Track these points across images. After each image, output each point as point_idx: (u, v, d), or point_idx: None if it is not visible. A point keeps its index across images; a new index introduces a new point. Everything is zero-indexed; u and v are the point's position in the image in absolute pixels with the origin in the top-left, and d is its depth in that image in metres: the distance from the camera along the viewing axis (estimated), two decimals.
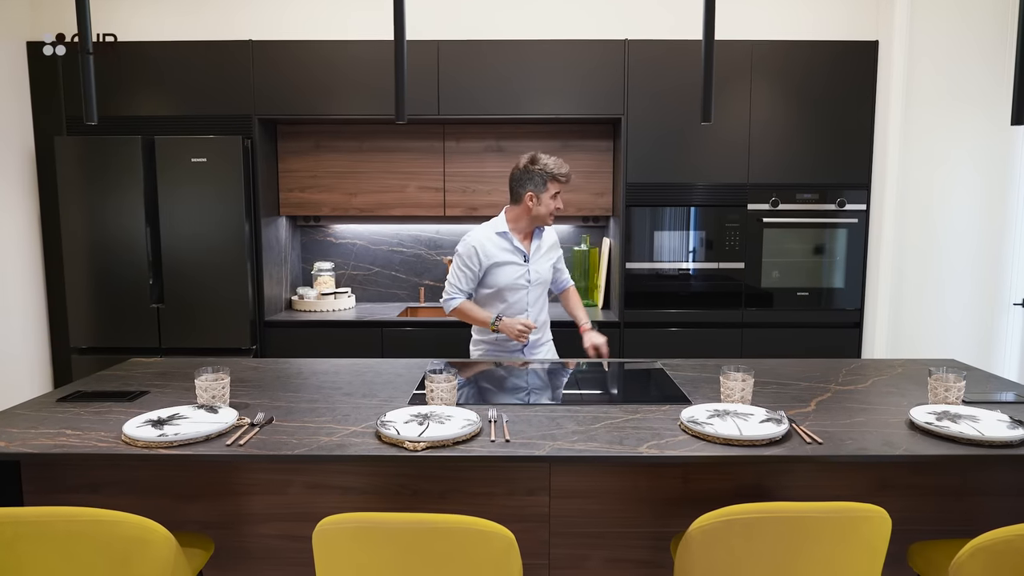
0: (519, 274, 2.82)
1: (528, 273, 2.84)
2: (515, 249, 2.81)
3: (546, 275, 2.91)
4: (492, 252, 2.80)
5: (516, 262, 2.82)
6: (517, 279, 2.81)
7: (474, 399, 2.21)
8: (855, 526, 1.48)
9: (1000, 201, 3.66)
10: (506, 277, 2.81)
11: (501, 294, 2.83)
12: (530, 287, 2.85)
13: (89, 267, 3.67)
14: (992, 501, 2.00)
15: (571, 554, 2.01)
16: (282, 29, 3.97)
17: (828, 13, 3.93)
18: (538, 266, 2.87)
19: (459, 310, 2.83)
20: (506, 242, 2.82)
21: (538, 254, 2.88)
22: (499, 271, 2.81)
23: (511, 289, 2.82)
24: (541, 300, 2.92)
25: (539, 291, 2.89)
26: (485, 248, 2.80)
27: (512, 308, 2.85)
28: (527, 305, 2.87)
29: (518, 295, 2.83)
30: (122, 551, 1.48)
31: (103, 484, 2.00)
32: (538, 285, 2.88)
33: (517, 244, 2.82)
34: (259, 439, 1.79)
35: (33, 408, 2.06)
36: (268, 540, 2.01)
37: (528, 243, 2.86)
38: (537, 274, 2.86)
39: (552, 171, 2.75)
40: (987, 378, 2.45)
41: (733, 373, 2.05)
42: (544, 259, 2.91)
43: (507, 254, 2.81)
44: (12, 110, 3.75)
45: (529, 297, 2.85)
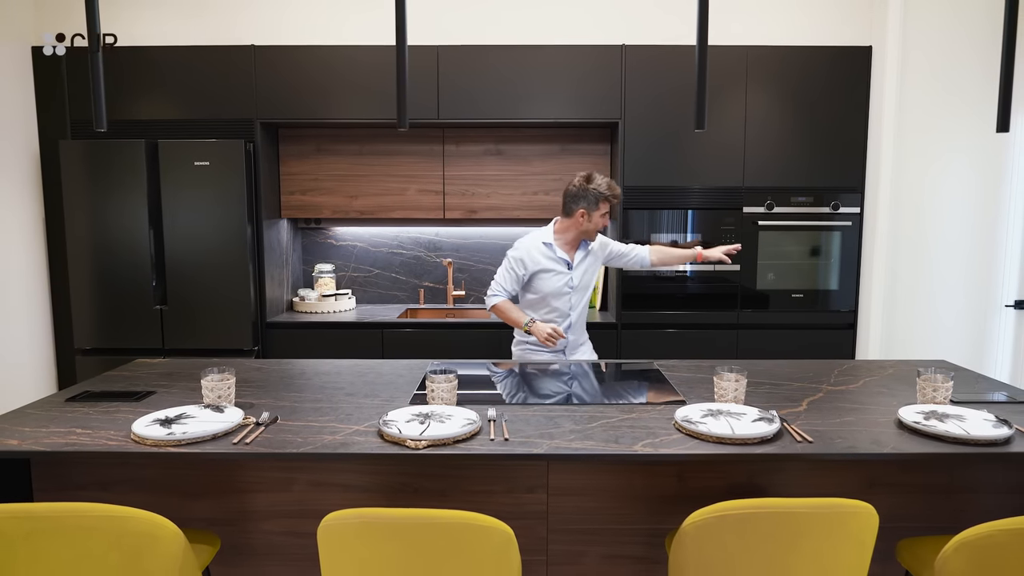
0: (563, 281, 2.97)
1: (571, 280, 2.98)
2: (559, 258, 2.96)
3: (589, 281, 3.05)
4: (538, 260, 2.96)
5: (559, 270, 2.96)
6: (560, 286, 2.96)
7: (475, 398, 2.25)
8: (844, 521, 1.52)
9: (993, 204, 3.72)
10: (550, 284, 2.96)
11: (546, 299, 2.98)
12: (572, 293, 2.98)
13: (93, 269, 3.71)
14: (978, 498, 2.05)
15: (568, 550, 2.06)
16: (283, 34, 4.02)
17: (822, 19, 3.99)
18: (580, 273, 3.01)
19: (498, 307, 2.99)
20: (551, 251, 2.97)
21: (582, 263, 3.02)
22: (543, 278, 2.96)
23: (555, 295, 2.97)
24: (582, 304, 3.06)
25: (580, 296, 3.03)
26: (532, 256, 2.96)
27: (555, 312, 2.99)
28: (569, 309, 3.00)
29: (561, 300, 2.98)
30: (133, 546, 1.52)
31: (111, 482, 2.04)
32: (580, 291, 3.02)
33: (561, 254, 2.97)
34: (264, 438, 1.84)
35: (42, 408, 2.10)
36: (273, 537, 2.06)
37: (572, 252, 3.00)
38: (579, 281, 3.01)
39: (604, 192, 2.90)
40: (976, 379, 2.50)
41: (727, 374, 2.10)
42: (588, 267, 3.04)
43: (551, 262, 2.96)
44: (17, 114, 3.79)
45: (571, 302, 2.99)
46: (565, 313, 2.99)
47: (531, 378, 2.57)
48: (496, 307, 2.98)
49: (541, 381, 2.53)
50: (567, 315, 2.99)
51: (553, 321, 2.97)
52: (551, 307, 2.98)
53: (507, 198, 4.10)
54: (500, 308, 2.98)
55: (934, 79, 3.72)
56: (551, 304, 2.97)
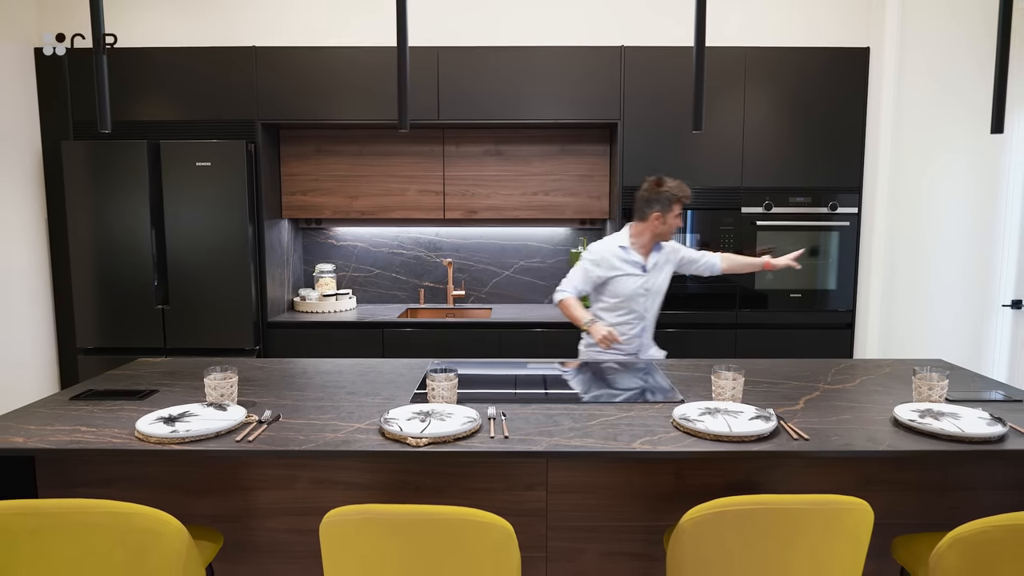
0: (638, 284, 3.01)
1: (646, 283, 3.02)
2: (633, 261, 3.01)
3: (662, 285, 3.08)
4: (613, 263, 3.01)
5: (635, 273, 3.01)
6: (636, 288, 3.00)
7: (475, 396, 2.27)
8: (839, 518, 1.54)
9: (990, 204, 3.74)
10: (626, 287, 3.00)
11: (623, 302, 3.02)
12: (647, 295, 3.03)
13: (95, 269, 3.73)
14: (973, 495, 2.07)
15: (568, 547, 2.08)
16: (284, 35, 4.04)
17: (820, 20, 4.01)
18: (656, 277, 3.05)
19: (564, 303, 3.04)
20: (626, 254, 3.01)
21: (657, 266, 3.05)
22: (619, 281, 3.00)
23: (631, 298, 3.01)
24: (656, 307, 3.10)
25: (656, 299, 3.07)
26: (607, 259, 3.01)
27: (632, 314, 3.03)
28: (644, 311, 3.04)
29: (637, 303, 3.02)
30: (137, 542, 1.54)
31: (115, 480, 2.06)
32: (655, 294, 3.06)
33: (636, 257, 3.01)
34: (267, 435, 1.86)
35: (47, 406, 2.13)
36: (275, 534, 2.08)
37: (647, 256, 3.04)
38: (655, 284, 3.05)
39: (677, 194, 2.95)
40: (972, 378, 2.52)
41: (724, 372, 2.12)
42: (663, 271, 3.08)
43: (627, 265, 3.01)
44: (20, 115, 3.82)
45: (646, 304, 3.04)
46: (641, 315, 3.03)
47: (530, 377, 2.59)
48: (562, 302, 3.04)
49: (539, 380, 2.55)
50: (643, 317, 3.04)
51: (628, 323, 3.02)
52: (627, 309, 3.02)
53: (507, 198, 4.12)
54: (565, 303, 3.03)
55: (931, 80, 3.74)
56: (627, 307, 3.02)
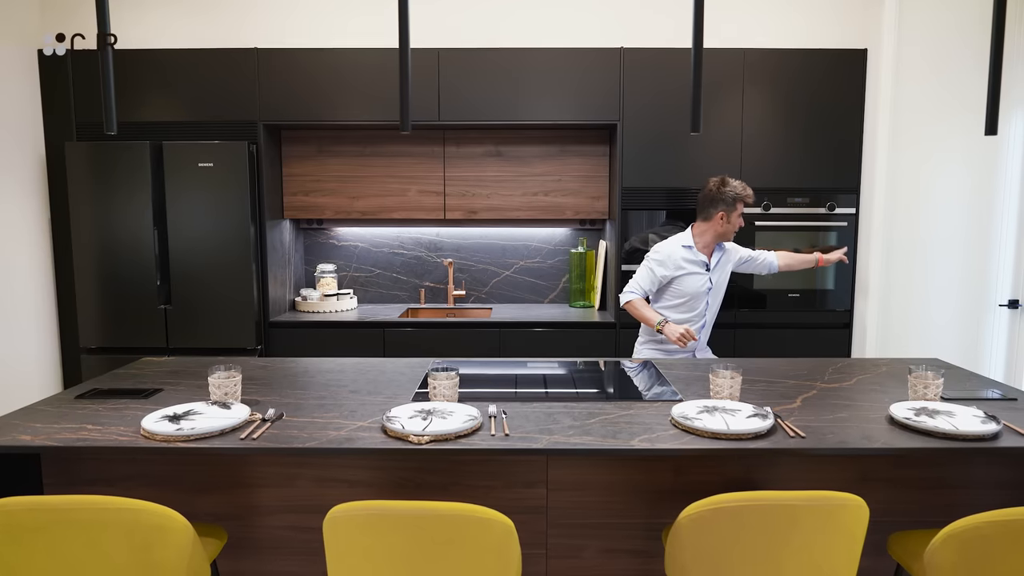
0: (702, 282, 3.08)
1: (709, 281, 3.09)
2: (698, 260, 3.08)
3: (723, 283, 3.16)
4: (679, 262, 3.08)
5: (699, 271, 3.08)
6: (700, 287, 3.08)
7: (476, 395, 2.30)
8: (835, 514, 1.56)
9: (987, 205, 3.76)
10: (691, 285, 3.08)
11: (687, 301, 3.09)
12: (710, 294, 3.09)
13: (98, 269, 3.76)
14: (968, 492, 2.09)
15: (568, 544, 2.10)
16: (286, 37, 4.07)
17: (818, 22, 4.04)
18: (718, 275, 3.12)
19: (633, 304, 3.11)
20: (691, 253, 3.08)
21: (719, 265, 3.12)
22: (685, 280, 3.08)
23: (696, 296, 3.08)
24: (717, 305, 3.16)
25: (718, 297, 3.14)
26: (673, 259, 3.09)
27: (694, 312, 3.10)
28: (706, 310, 3.11)
29: (700, 301, 3.09)
30: (143, 538, 1.57)
31: (120, 477, 2.09)
32: (716, 292, 3.13)
33: (700, 256, 3.09)
34: (271, 433, 1.89)
35: (53, 404, 2.15)
36: (278, 531, 2.10)
37: (710, 255, 3.11)
38: (718, 282, 3.12)
39: (740, 194, 3.02)
40: (967, 376, 2.54)
41: (722, 371, 2.15)
42: (724, 269, 3.15)
43: (691, 265, 3.08)
44: (24, 116, 3.84)
45: (709, 302, 3.11)
46: (702, 314, 3.10)
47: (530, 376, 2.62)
48: (630, 303, 3.11)
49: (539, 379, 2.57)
50: (703, 315, 3.10)
51: (690, 321, 3.09)
52: (691, 307, 3.09)
53: (507, 199, 4.15)
54: (634, 305, 3.10)
55: (928, 81, 3.76)
56: (691, 305, 3.08)
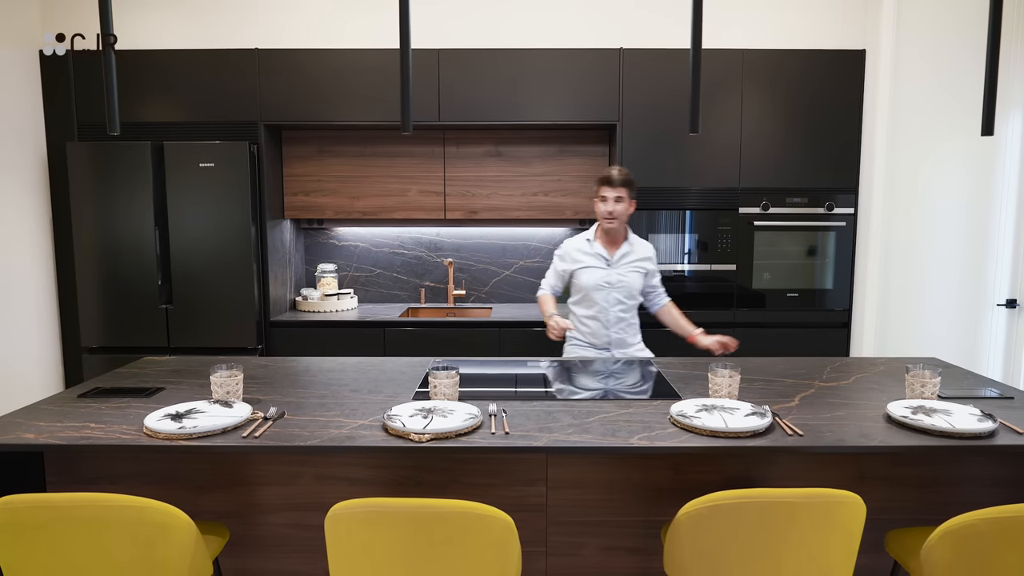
0: (600, 276, 3.06)
1: (608, 276, 3.05)
2: (596, 254, 3.07)
3: (631, 281, 3.08)
4: (576, 256, 3.11)
5: (598, 265, 3.07)
6: (598, 280, 3.06)
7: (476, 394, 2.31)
8: (832, 511, 1.58)
9: (984, 205, 3.77)
10: (587, 280, 3.07)
11: (587, 295, 3.08)
12: (611, 289, 3.05)
13: (99, 269, 3.77)
14: (965, 490, 2.11)
15: (568, 542, 2.11)
16: (287, 37, 4.08)
17: (817, 23, 4.05)
18: (621, 271, 3.07)
19: (539, 298, 3.22)
20: (590, 247, 3.09)
21: (623, 263, 3.08)
22: (581, 274, 3.08)
23: (594, 289, 3.06)
24: (625, 305, 3.09)
25: (622, 295, 3.08)
26: (571, 253, 3.13)
27: (596, 307, 3.08)
28: (608, 306, 3.07)
29: (600, 295, 3.06)
30: (146, 536, 1.58)
31: (122, 476, 2.10)
32: (621, 289, 3.07)
33: (599, 249, 3.08)
34: (273, 432, 1.90)
35: (55, 403, 2.16)
36: (279, 529, 2.12)
37: (612, 249, 3.09)
38: (620, 278, 3.06)
39: (599, 176, 3.06)
40: (964, 375, 2.56)
41: (721, 370, 2.16)
42: (631, 267, 3.10)
43: (589, 258, 3.08)
44: (25, 116, 3.85)
45: (611, 298, 3.06)
46: (604, 309, 3.06)
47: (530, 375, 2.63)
48: (539, 298, 3.21)
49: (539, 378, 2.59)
50: (606, 311, 3.07)
51: (594, 318, 3.07)
52: (592, 302, 3.07)
53: (507, 199, 4.16)
54: (539, 299, 3.20)
55: (926, 82, 3.78)
56: (592, 299, 3.07)
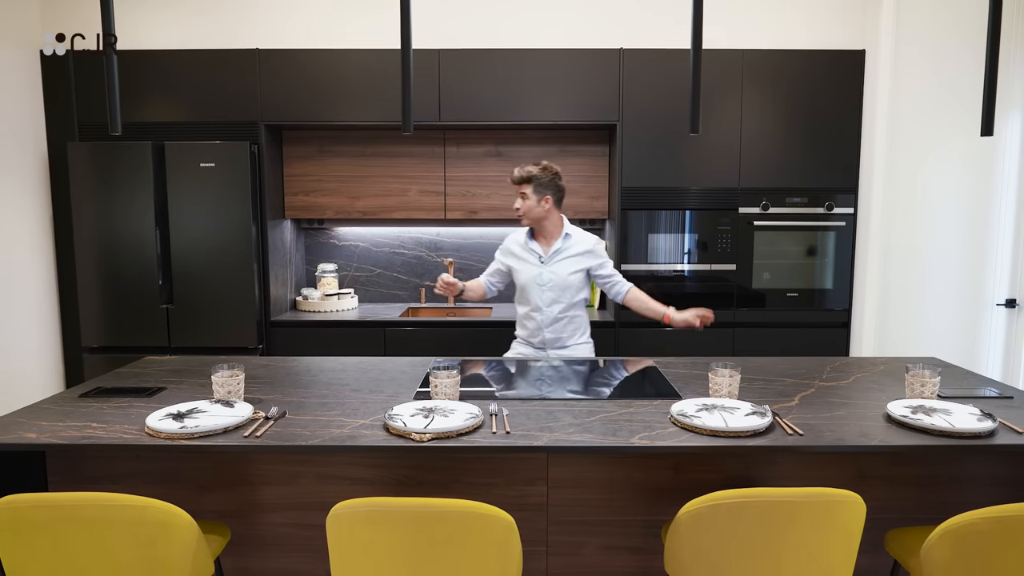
0: (534, 273, 3.06)
1: (542, 275, 3.05)
2: (531, 250, 3.09)
3: (565, 279, 3.04)
4: (514, 249, 3.14)
5: (532, 261, 3.08)
6: (533, 277, 3.06)
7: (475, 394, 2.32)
8: (832, 510, 1.58)
9: (984, 205, 3.78)
10: (523, 275, 3.09)
11: (522, 291, 3.10)
12: (545, 287, 3.04)
13: (100, 269, 3.78)
14: (965, 489, 2.11)
15: (568, 541, 2.12)
16: (287, 38, 4.09)
17: (816, 23, 4.06)
18: (554, 268, 3.05)
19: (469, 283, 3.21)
20: (526, 244, 3.11)
21: (559, 261, 3.06)
22: (518, 271, 3.11)
23: (528, 286, 3.07)
24: (562, 304, 3.06)
25: (556, 294, 3.05)
26: (509, 246, 3.17)
27: (530, 305, 3.08)
28: (542, 304, 3.05)
29: (534, 292, 3.06)
30: (148, 535, 1.59)
31: (123, 475, 2.10)
32: (556, 288, 3.04)
33: (535, 246, 3.08)
34: (274, 431, 1.90)
35: (57, 403, 2.17)
36: (280, 528, 2.12)
37: (546, 246, 3.09)
38: (552, 275, 3.04)
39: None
40: (964, 375, 2.56)
41: (721, 370, 2.16)
42: (566, 264, 3.06)
43: (526, 253, 3.10)
44: (26, 116, 3.86)
45: (545, 296, 3.05)
46: (538, 307, 3.05)
47: (530, 374, 2.64)
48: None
49: (540, 377, 2.59)
50: (540, 309, 3.05)
51: (530, 316, 3.08)
52: (525, 299, 3.09)
53: (507, 199, 4.16)
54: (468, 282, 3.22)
55: (926, 82, 3.78)
56: (527, 297, 3.08)
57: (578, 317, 3.12)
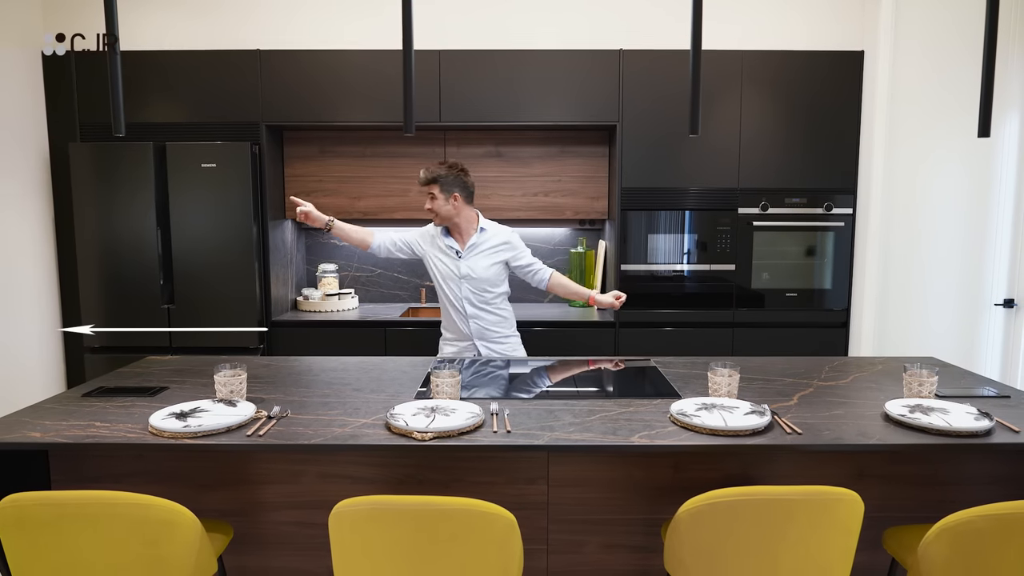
0: (450, 266, 3.10)
1: (459, 268, 3.09)
2: (447, 246, 3.12)
3: (484, 273, 3.09)
4: (431, 240, 3.16)
5: (448, 255, 3.11)
6: (449, 271, 3.10)
7: (477, 393, 2.33)
8: (830, 508, 1.60)
9: (982, 205, 3.79)
10: (439, 268, 3.13)
11: (440, 285, 3.14)
12: (463, 281, 3.08)
13: (102, 269, 3.79)
14: (962, 488, 2.13)
15: (569, 540, 2.13)
16: (288, 38, 4.10)
17: (816, 24, 4.07)
18: (472, 263, 3.09)
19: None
20: (443, 241, 3.13)
21: (476, 255, 3.10)
22: (434, 264, 3.14)
23: (445, 279, 3.11)
24: (484, 297, 3.11)
25: (476, 286, 3.09)
26: (427, 235, 3.19)
27: (448, 298, 3.12)
28: (462, 298, 3.09)
29: (451, 285, 3.10)
30: (152, 533, 1.60)
31: (126, 474, 2.12)
32: (472, 280, 3.09)
33: (450, 242, 3.12)
34: (277, 430, 1.92)
35: (60, 402, 2.18)
36: (283, 527, 2.14)
37: (461, 241, 3.12)
38: (469, 269, 3.08)
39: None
40: (962, 375, 2.58)
41: (720, 369, 2.18)
42: (483, 257, 3.10)
43: (443, 246, 3.13)
44: (28, 118, 3.87)
45: (463, 290, 3.09)
46: (459, 297, 3.09)
47: (531, 374, 2.65)
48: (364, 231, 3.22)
49: (540, 377, 2.61)
50: (460, 300, 3.09)
51: (448, 310, 3.13)
52: (444, 292, 3.12)
53: (507, 199, 4.18)
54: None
55: (925, 82, 3.80)
56: (444, 289, 3.11)
57: (503, 310, 3.16)
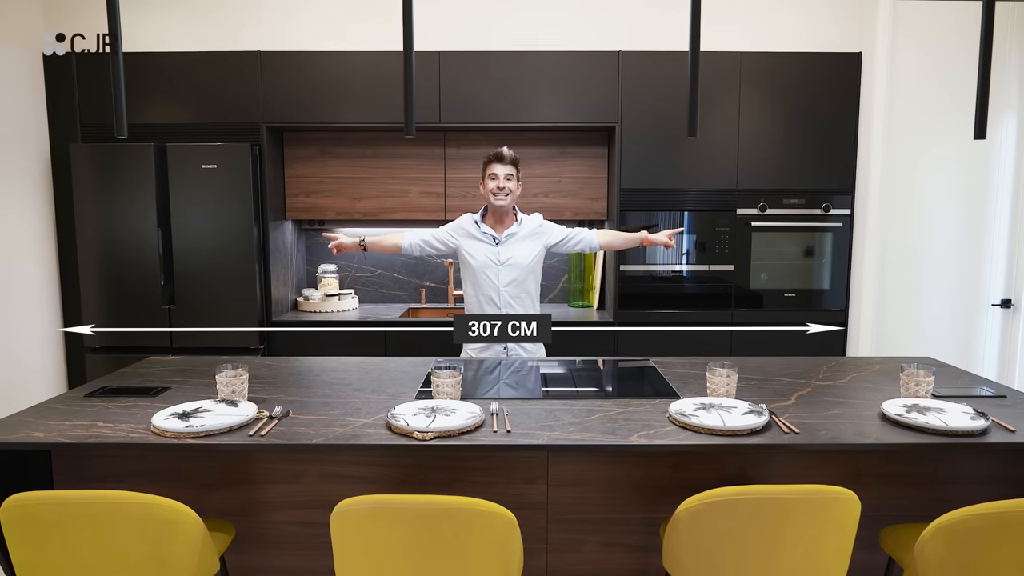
0: (488, 253, 3.11)
1: (499, 255, 3.09)
2: (483, 233, 3.12)
3: (523, 262, 3.10)
4: (467, 229, 3.15)
5: (486, 242, 3.12)
6: (487, 259, 3.10)
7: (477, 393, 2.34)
8: (827, 507, 1.61)
9: (979, 206, 3.82)
10: (477, 256, 3.12)
11: (476, 276, 3.12)
12: (500, 267, 3.09)
13: (102, 270, 3.80)
14: (958, 487, 2.14)
15: (568, 539, 2.15)
16: (289, 40, 4.11)
17: (814, 26, 4.09)
18: (511, 249, 3.10)
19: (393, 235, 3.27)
20: (476, 228, 3.14)
21: (514, 241, 3.12)
22: (469, 252, 3.13)
23: (482, 267, 3.10)
24: (518, 287, 3.12)
25: (513, 274, 3.10)
26: (462, 226, 3.17)
27: (481, 286, 3.11)
28: (499, 286, 3.09)
29: (489, 272, 3.10)
30: (155, 532, 1.62)
31: (128, 474, 2.13)
32: (511, 268, 3.10)
33: (486, 229, 3.12)
34: (278, 430, 1.93)
35: (63, 403, 2.19)
36: (284, 526, 2.15)
37: (499, 228, 3.14)
38: (509, 256, 3.10)
39: (487, 156, 3.10)
40: (958, 374, 2.59)
41: (719, 369, 2.19)
42: (522, 244, 3.12)
43: (479, 234, 3.13)
44: (29, 119, 3.88)
45: (500, 278, 3.09)
46: (495, 286, 3.09)
47: (531, 374, 2.66)
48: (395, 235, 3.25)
49: (540, 377, 2.62)
50: (497, 288, 3.09)
51: (479, 301, 3.12)
52: (477, 281, 3.11)
53: None
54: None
55: (923, 83, 3.82)
56: (478, 277, 3.10)
57: (536, 305, 3.18)
